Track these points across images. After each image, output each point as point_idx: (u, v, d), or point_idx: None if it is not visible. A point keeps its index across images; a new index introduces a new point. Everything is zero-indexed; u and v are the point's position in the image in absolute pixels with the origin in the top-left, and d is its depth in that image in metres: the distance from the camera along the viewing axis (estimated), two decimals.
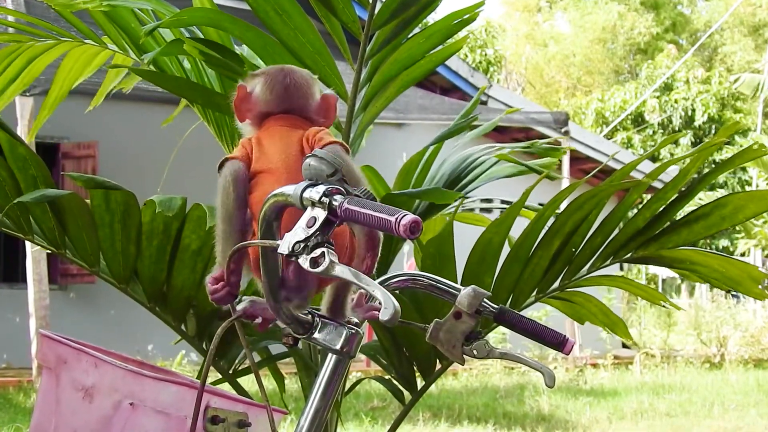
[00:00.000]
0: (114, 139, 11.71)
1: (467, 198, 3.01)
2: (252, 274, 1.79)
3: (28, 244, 8.79)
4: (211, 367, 2.64)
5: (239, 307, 1.80)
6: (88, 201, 2.53)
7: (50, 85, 3.07)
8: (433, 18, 2.96)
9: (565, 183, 12.95)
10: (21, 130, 9.22)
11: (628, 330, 2.92)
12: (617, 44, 37.42)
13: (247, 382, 2.83)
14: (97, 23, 2.88)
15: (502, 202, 3.28)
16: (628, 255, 2.67)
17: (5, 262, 12.04)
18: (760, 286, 2.62)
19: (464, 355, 1.76)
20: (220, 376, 2.76)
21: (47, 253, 9.27)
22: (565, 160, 13.19)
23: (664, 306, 2.87)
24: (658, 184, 3.95)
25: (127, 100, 3.78)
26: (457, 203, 2.79)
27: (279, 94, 1.88)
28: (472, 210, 3.30)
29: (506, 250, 2.65)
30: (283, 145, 1.80)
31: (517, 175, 2.90)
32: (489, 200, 3.30)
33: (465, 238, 2.94)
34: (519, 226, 2.67)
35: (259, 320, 1.81)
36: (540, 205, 2.82)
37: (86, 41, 2.93)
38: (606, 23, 36.67)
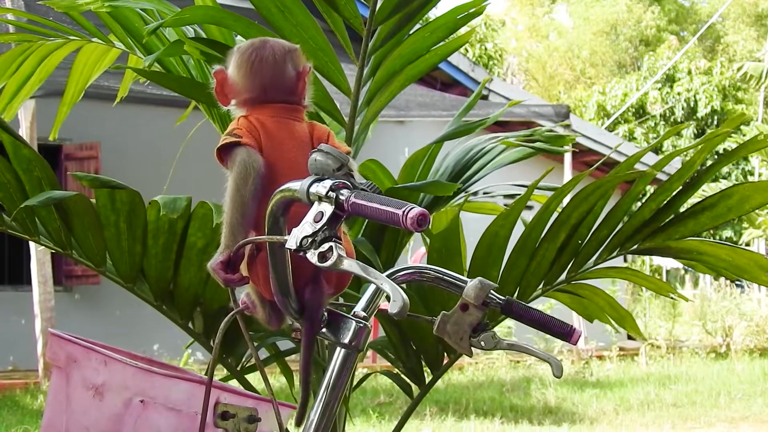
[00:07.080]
0: (116, 140, 11.71)
1: (474, 194, 3.00)
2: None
3: (32, 245, 8.80)
4: (220, 365, 2.65)
5: (240, 298, 1.81)
6: (93, 200, 2.54)
7: (55, 86, 3.07)
8: (435, 13, 2.96)
9: (568, 175, 12.92)
10: (24, 132, 9.22)
11: (637, 324, 2.91)
12: (621, 36, 37.32)
13: (256, 378, 2.83)
14: (102, 22, 2.89)
15: (507, 196, 3.26)
16: (635, 246, 2.66)
17: (10, 264, 12.05)
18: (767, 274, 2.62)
19: (472, 347, 1.76)
20: (228, 373, 2.77)
21: (52, 255, 9.29)
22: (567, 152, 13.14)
23: (672, 297, 2.86)
24: (661, 176, 3.94)
25: (128, 101, 3.78)
26: (463, 195, 2.79)
27: (263, 83, 1.89)
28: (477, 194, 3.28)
29: (512, 242, 2.64)
30: (297, 142, 1.81)
31: (523, 159, 2.87)
32: (491, 195, 3.28)
33: (472, 231, 2.93)
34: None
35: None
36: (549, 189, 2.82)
37: (93, 40, 2.94)
38: (611, 16, 36.59)
